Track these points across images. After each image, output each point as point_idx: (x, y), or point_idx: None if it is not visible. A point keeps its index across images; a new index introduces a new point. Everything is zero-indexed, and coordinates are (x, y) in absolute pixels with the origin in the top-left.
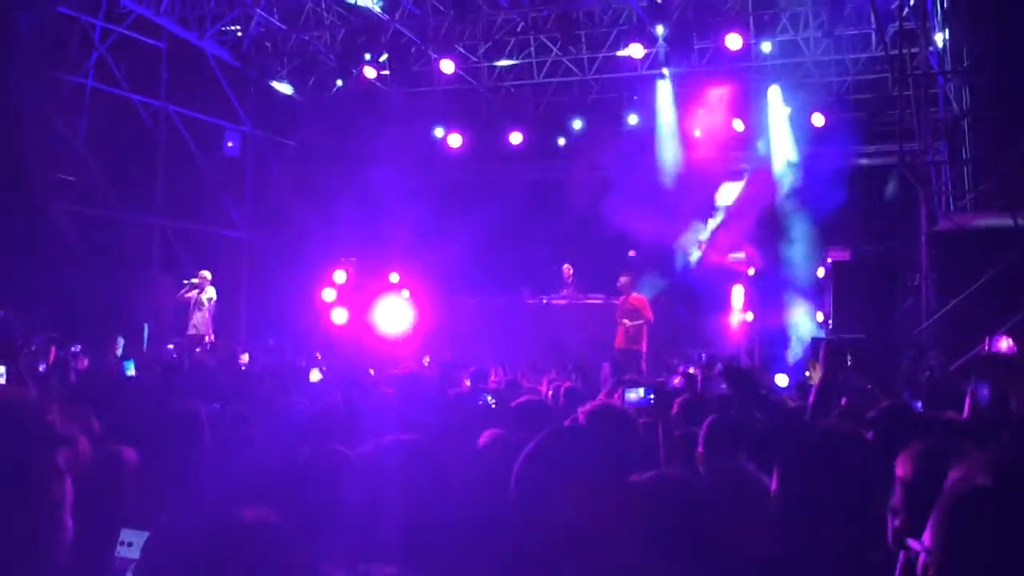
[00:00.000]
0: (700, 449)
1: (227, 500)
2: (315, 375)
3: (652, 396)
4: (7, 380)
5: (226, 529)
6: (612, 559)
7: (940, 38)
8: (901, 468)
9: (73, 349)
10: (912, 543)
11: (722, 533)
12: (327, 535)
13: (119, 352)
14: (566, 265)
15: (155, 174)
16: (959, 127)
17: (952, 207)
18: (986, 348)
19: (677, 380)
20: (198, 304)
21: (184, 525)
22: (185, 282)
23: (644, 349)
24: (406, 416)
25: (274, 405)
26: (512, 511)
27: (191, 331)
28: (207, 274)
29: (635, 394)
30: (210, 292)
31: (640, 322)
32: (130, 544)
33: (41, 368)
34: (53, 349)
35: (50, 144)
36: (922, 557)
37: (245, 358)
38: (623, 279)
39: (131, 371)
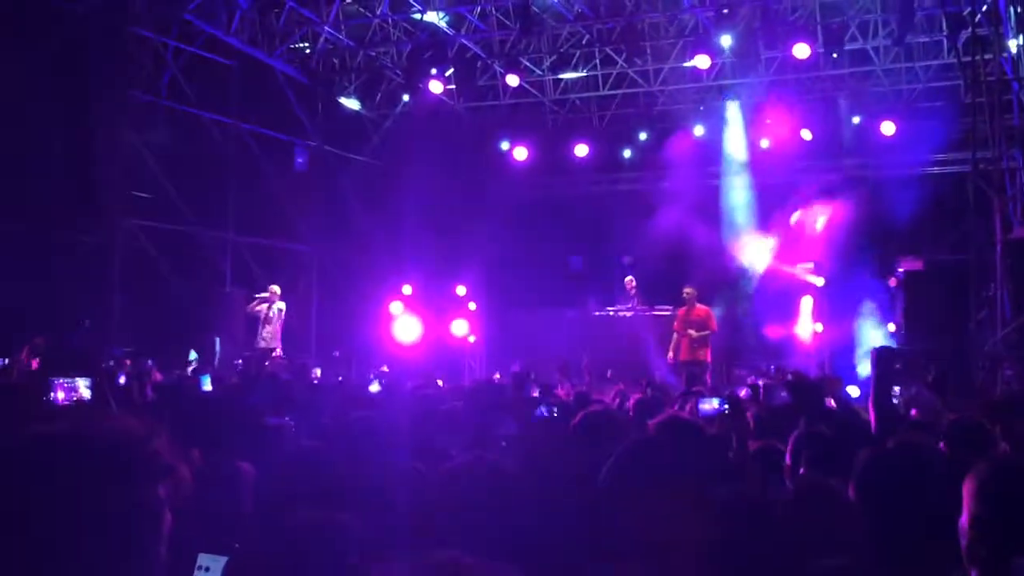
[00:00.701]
0: (788, 462)
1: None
2: (375, 387)
3: (727, 407)
4: (92, 394)
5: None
6: (690, 572)
7: (1014, 44)
8: (968, 486)
9: (147, 363)
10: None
11: (803, 549)
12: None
13: (192, 365)
14: (628, 278)
15: (226, 190)
16: None
17: None
18: None
19: (744, 392)
20: (267, 318)
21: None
22: (256, 296)
23: (709, 360)
24: (480, 429)
25: (344, 418)
26: (594, 520)
27: (261, 344)
28: (276, 288)
29: (709, 405)
30: (280, 305)
31: (706, 333)
32: (207, 569)
33: (121, 380)
34: (128, 363)
35: (124, 161)
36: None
37: (317, 372)
38: (688, 290)
39: (207, 386)
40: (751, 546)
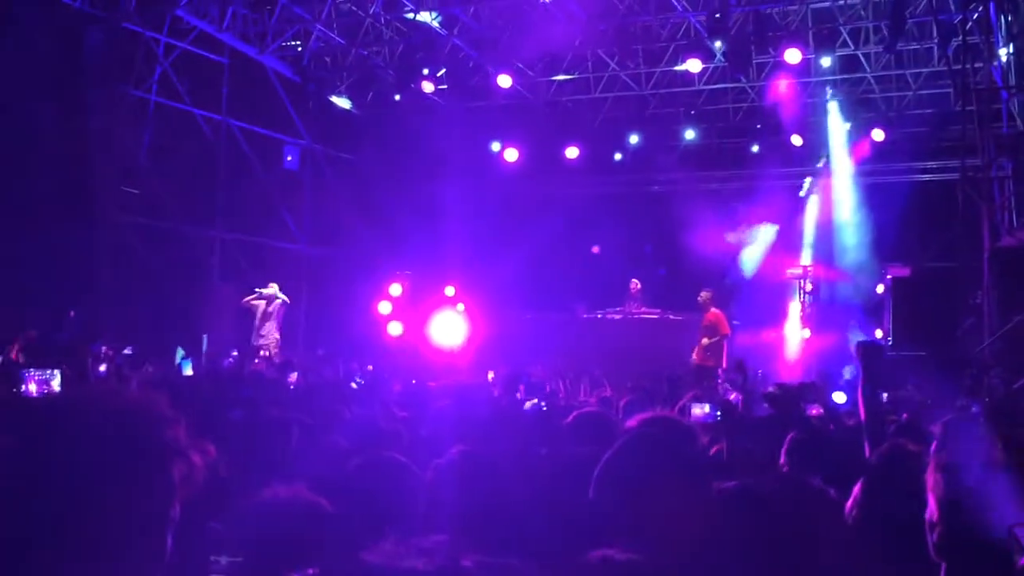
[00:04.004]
0: (784, 465)
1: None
2: (353, 385)
3: (719, 413)
4: (61, 383)
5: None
6: (692, 565)
7: (1004, 53)
8: (931, 480)
9: (125, 352)
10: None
11: (801, 545)
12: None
13: (177, 362)
14: (633, 280)
15: (216, 187)
16: (1023, 142)
17: (1016, 223)
18: None
19: (733, 396)
20: (266, 314)
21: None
22: (256, 291)
23: (724, 365)
24: (464, 427)
25: (332, 415)
26: (589, 515)
27: (260, 341)
28: (275, 286)
29: (700, 410)
30: (278, 302)
31: (717, 338)
32: None
33: (101, 370)
34: (110, 353)
35: (115, 157)
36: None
37: (294, 377)
38: (703, 294)
39: (188, 371)
40: (757, 541)
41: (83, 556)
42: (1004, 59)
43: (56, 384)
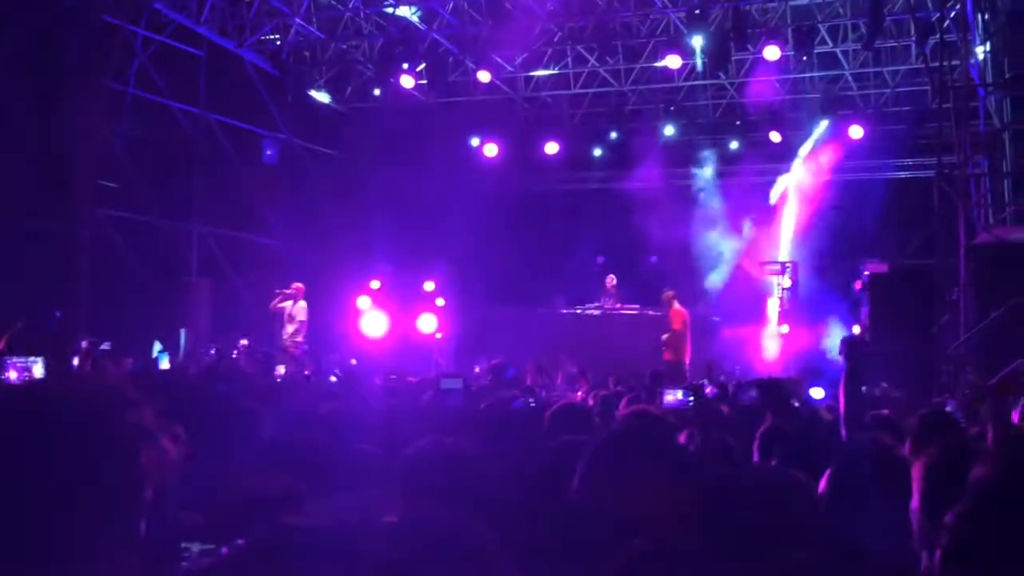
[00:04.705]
0: (756, 457)
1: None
2: (332, 379)
3: (691, 399)
4: (43, 371)
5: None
6: (670, 556)
7: (981, 51)
8: (917, 473)
9: (103, 347)
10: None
11: (776, 536)
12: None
13: (154, 355)
14: (610, 276)
15: (193, 181)
16: (999, 140)
17: (991, 220)
18: None
19: (709, 390)
20: (290, 315)
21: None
22: (278, 292)
23: (687, 361)
24: (440, 420)
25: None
26: (573, 507)
27: (285, 341)
28: (299, 285)
29: (672, 396)
30: (302, 304)
31: (670, 334)
32: None
33: (75, 362)
34: (88, 347)
35: (92, 149)
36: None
37: (281, 370)
38: (666, 293)
39: (165, 364)
40: (735, 532)
41: (53, 539)
42: (981, 57)
43: (37, 371)
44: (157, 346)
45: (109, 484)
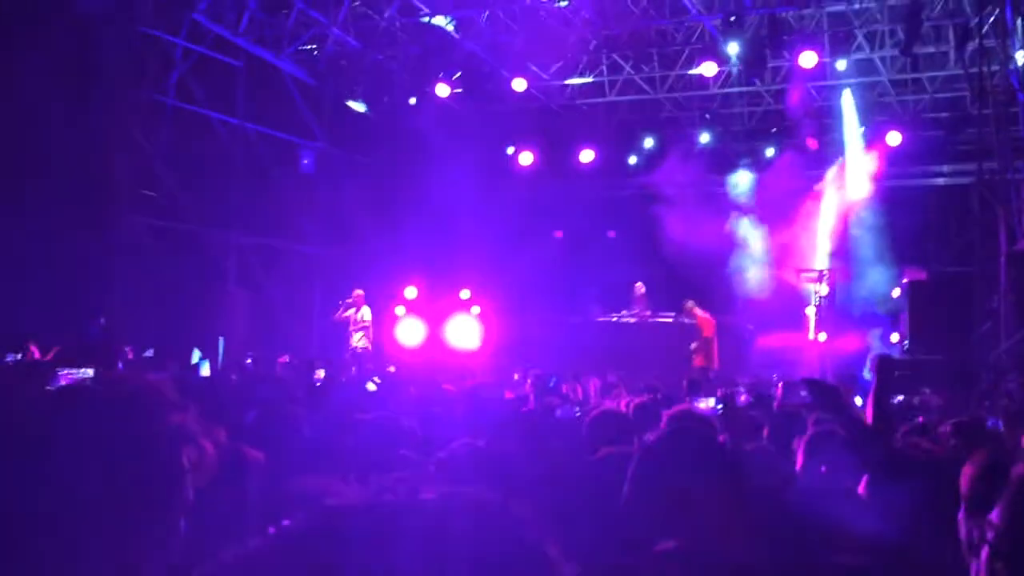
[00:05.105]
0: (800, 463)
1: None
2: (371, 386)
3: (721, 407)
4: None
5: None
6: (721, 561)
7: (1021, 55)
8: (964, 481)
9: (146, 354)
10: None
11: (824, 544)
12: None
13: (195, 363)
14: (638, 283)
15: (231, 190)
16: None
17: None
18: None
19: (743, 398)
20: (355, 322)
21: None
22: (341, 303)
23: (716, 367)
24: (478, 428)
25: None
26: (624, 508)
27: (356, 348)
28: (360, 292)
29: (704, 404)
30: (365, 310)
31: (700, 341)
32: None
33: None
34: (130, 353)
35: (132, 159)
36: (987, 534)
37: (321, 373)
38: (687, 303)
39: (205, 371)
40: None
41: (97, 537)
42: (1020, 62)
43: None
44: (197, 354)
45: (150, 483)
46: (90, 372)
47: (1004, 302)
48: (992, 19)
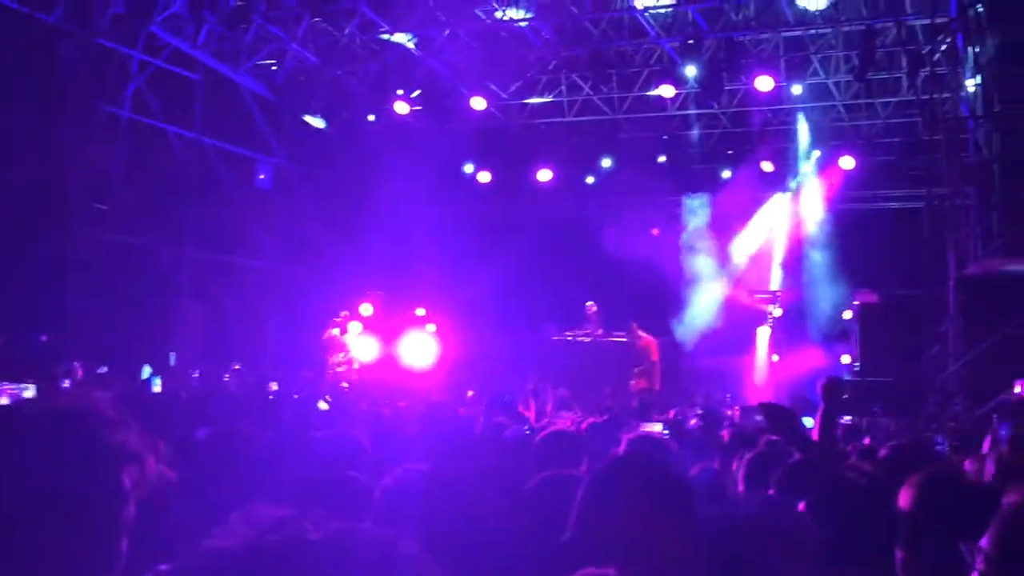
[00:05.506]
0: (740, 487)
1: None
2: (322, 405)
3: (668, 432)
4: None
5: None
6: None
7: (971, 83)
8: (903, 499)
9: (99, 371)
10: (965, 550)
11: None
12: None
13: (145, 378)
14: (589, 303)
15: (187, 204)
16: (988, 172)
17: (980, 252)
18: (1016, 391)
19: (693, 421)
20: (340, 343)
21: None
22: (336, 320)
23: (657, 388)
24: (429, 447)
25: (298, 433)
26: (574, 534)
27: (339, 368)
28: (347, 313)
29: (651, 427)
30: (351, 331)
31: (646, 364)
32: None
33: (66, 385)
34: (80, 369)
35: (86, 172)
36: (978, 561)
37: (274, 386)
38: (631, 325)
39: (157, 387)
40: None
41: (36, 557)
42: (971, 89)
43: (29, 396)
44: (147, 369)
45: (90, 505)
46: (31, 388)
47: (952, 326)
48: (944, 47)
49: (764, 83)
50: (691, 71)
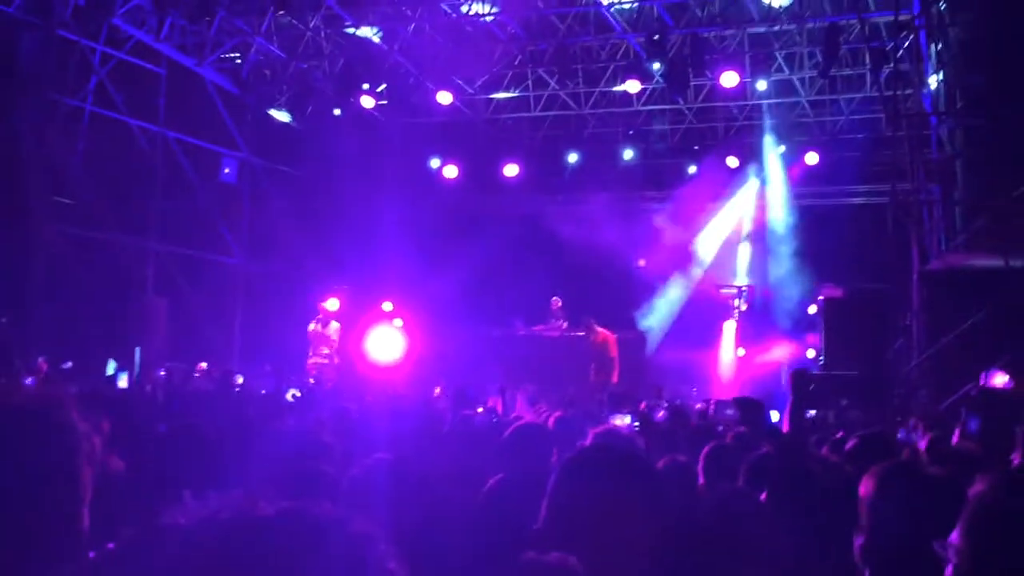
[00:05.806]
0: (701, 480)
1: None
2: (289, 395)
3: (637, 424)
4: None
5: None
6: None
7: (934, 80)
8: (864, 488)
9: (64, 366)
10: (936, 546)
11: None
12: None
13: (109, 374)
14: (554, 298)
15: (151, 198)
16: (951, 168)
17: (944, 247)
18: (981, 384)
19: (661, 414)
20: (324, 337)
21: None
22: (319, 316)
23: (615, 382)
24: (396, 440)
25: (266, 427)
26: (543, 527)
27: (320, 361)
28: (325, 307)
29: (621, 420)
30: (335, 325)
31: (603, 360)
32: None
33: (29, 382)
34: (44, 364)
35: (47, 166)
36: (951, 555)
37: (240, 379)
38: (587, 321)
39: (123, 383)
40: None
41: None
42: (934, 86)
43: None
44: (112, 365)
45: (46, 497)
46: None
47: (916, 320)
48: (907, 44)
49: (729, 79)
50: (656, 67)
